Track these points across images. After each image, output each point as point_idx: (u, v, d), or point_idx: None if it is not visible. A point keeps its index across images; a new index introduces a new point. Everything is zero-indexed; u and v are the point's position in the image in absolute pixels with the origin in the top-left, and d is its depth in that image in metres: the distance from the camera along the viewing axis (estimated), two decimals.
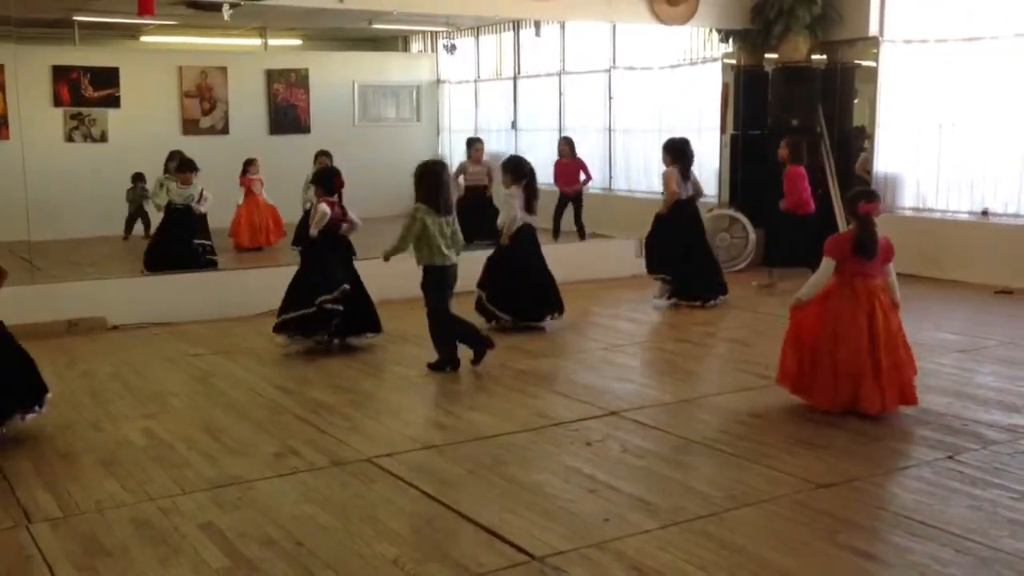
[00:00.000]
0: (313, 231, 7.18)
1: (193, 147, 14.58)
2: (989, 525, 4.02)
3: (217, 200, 10.87)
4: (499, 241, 7.84)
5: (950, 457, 4.85)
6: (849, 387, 5.43)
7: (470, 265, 7.65)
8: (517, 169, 7.76)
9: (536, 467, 4.80)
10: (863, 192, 5.77)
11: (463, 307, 7.23)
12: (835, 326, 5.46)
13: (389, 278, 8.71)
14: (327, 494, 4.46)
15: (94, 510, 4.30)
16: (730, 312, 8.79)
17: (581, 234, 12.15)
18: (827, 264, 5.50)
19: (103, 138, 14.37)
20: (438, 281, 6.50)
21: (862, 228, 5.46)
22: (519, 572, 3.65)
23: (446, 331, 6.60)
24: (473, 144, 12.17)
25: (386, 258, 6.64)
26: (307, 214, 9.78)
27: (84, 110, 14.29)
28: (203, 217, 10.34)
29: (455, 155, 15.39)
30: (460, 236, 6.61)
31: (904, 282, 5.85)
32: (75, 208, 13.46)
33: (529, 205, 7.70)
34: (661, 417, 5.60)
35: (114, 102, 14.42)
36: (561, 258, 8.73)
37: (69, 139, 14.20)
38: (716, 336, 8.06)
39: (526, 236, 7.80)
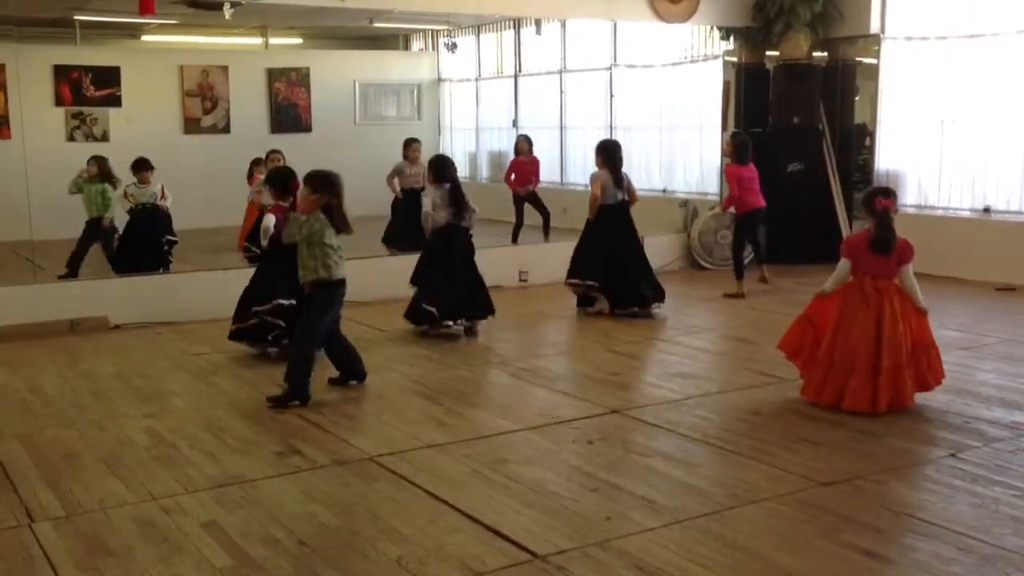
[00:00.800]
0: (264, 242, 6.86)
1: (194, 146, 14.64)
2: (992, 523, 4.02)
3: (218, 199, 10.88)
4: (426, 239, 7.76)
5: (952, 455, 4.86)
6: (840, 381, 5.48)
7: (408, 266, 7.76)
8: (439, 169, 7.64)
9: (538, 465, 4.80)
10: (880, 189, 5.89)
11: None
12: (839, 321, 5.53)
13: (383, 278, 8.78)
14: (330, 493, 4.46)
15: (97, 509, 4.30)
16: (733, 310, 8.79)
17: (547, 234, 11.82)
18: (843, 264, 5.60)
19: (104, 137, 14.35)
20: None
21: (880, 224, 5.52)
22: (522, 571, 3.66)
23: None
24: (409, 145, 11.61)
25: None
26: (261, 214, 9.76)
27: (85, 109, 14.29)
28: (168, 214, 10.21)
29: (456, 153, 15.39)
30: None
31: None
32: (77, 208, 13.42)
33: (457, 204, 7.49)
34: (663, 415, 5.60)
35: (115, 101, 14.41)
36: (556, 257, 8.70)
37: (71, 138, 14.19)
38: (718, 334, 8.06)
39: (450, 235, 7.59)
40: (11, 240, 12.30)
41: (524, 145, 12.18)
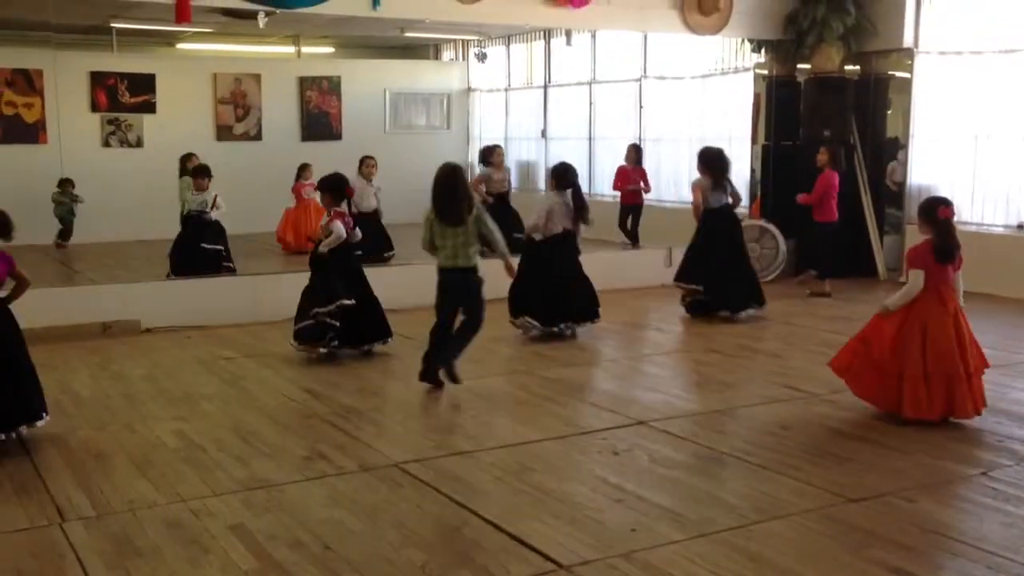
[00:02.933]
0: (323, 249, 7.09)
1: (226, 153, 14.78)
2: (1023, 542, 3.97)
3: (249, 205, 10.96)
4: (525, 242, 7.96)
5: (984, 473, 4.80)
6: (943, 391, 5.45)
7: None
8: (560, 176, 7.85)
9: (563, 475, 4.80)
10: (939, 199, 5.87)
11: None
12: (924, 331, 5.47)
13: (415, 286, 8.80)
14: (355, 498, 4.48)
15: (126, 510, 4.35)
16: (763, 323, 8.73)
17: (635, 242, 12.18)
18: (916, 276, 5.52)
19: (139, 143, 14.57)
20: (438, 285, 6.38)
21: (943, 233, 5.51)
22: None
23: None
24: (494, 151, 11.89)
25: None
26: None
27: (121, 115, 14.49)
28: (217, 223, 10.32)
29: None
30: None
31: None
32: (111, 212, 13.65)
33: (578, 212, 7.77)
34: (689, 427, 5.58)
35: (150, 108, 14.62)
36: (590, 266, 8.71)
37: (106, 144, 14.40)
38: (747, 347, 8.01)
39: (559, 242, 7.84)
40: (47, 243, 12.51)
41: (632, 154, 12.26)
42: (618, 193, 12.37)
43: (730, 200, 8.74)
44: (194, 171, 10.31)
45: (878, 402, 5.69)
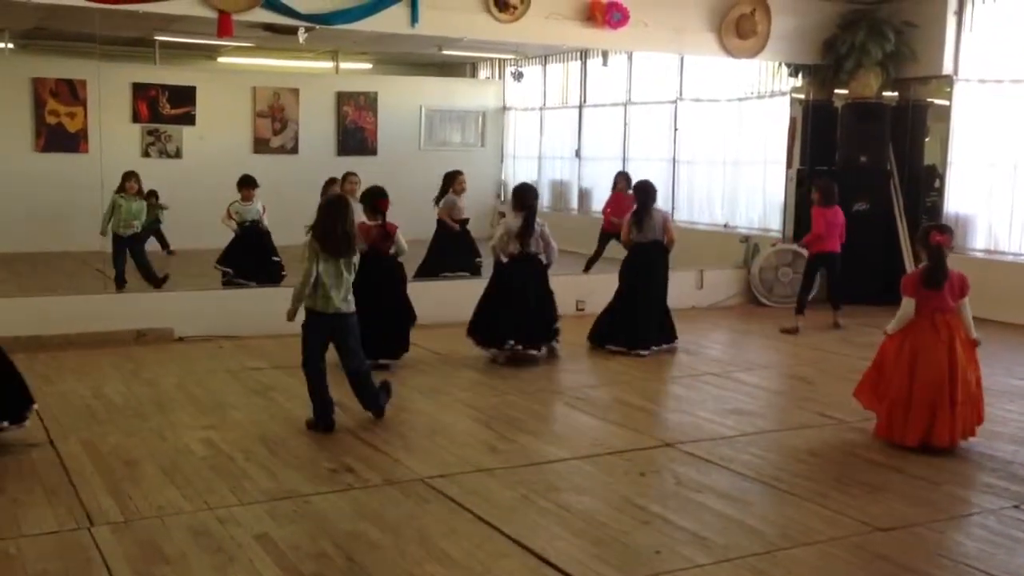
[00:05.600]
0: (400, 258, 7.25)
1: (263, 165, 14.92)
2: None
3: (284, 217, 11.01)
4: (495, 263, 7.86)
5: (1016, 507, 4.72)
6: (925, 419, 5.43)
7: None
8: (519, 197, 7.74)
9: (588, 495, 4.78)
10: (936, 225, 5.92)
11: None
12: (913, 359, 5.49)
13: (444, 302, 8.83)
14: (380, 512, 4.49)
15: (154, 516, 4.39)
16: (792, 348, 8.66)
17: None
18: (907, 303, 5.56)
19: (178, 154, 14.78)
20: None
21: (932, 258, 5.51)
22: None
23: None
24: (455, 177, 11.24)
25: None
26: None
27: (161, 127, 14.72)
28: (268, 234, 10.40)
29: (517, 180, 15.44)
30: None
31: (974, 325, 5.72)
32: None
33: (524, 233, 7.59)
34: (717, 451, 5.53)
35: (190, 120, 14.83)
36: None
37: (145, 154, 14.60)
38: (776, 372, 7.96)
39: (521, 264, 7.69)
40: (84, 251, 12.68)
41: (622, 183, 12.04)
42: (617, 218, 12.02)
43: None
44: (239, 182, 10.36)
45: (877, 424, 5.75)
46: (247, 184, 10.25)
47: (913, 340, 5.53)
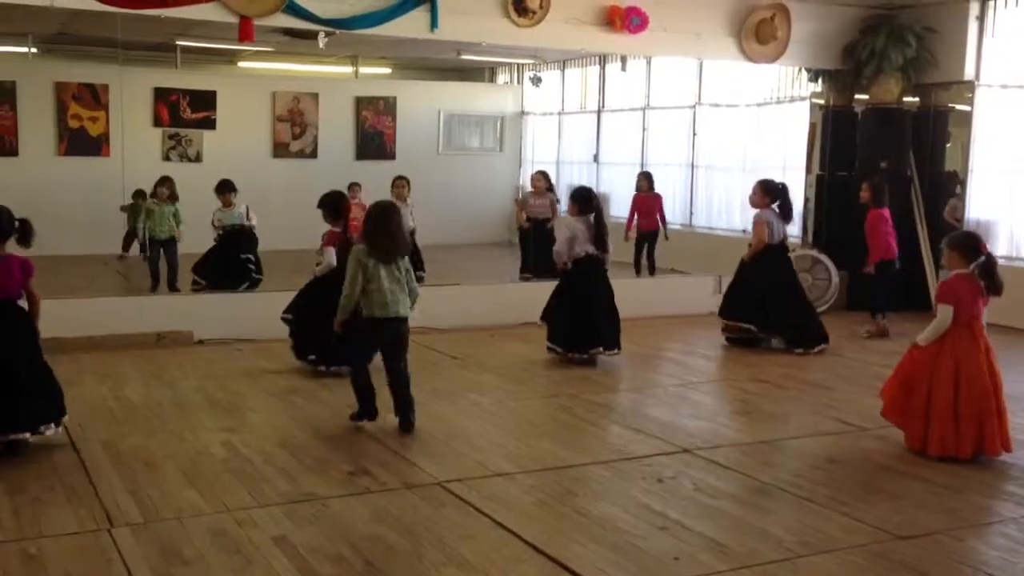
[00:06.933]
0: (318, 273, 7.28)
1: (282, 170, 15.05)
2: None
3: (302, 221, 11.05)
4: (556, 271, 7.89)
5: None
6: (974, 429, 5.36)
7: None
8: (583, 200, 7.74)
9: (607, 501, 4.77)
10: (971, 234, 5.85)
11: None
12: (956, 369, 5.39)
13: (466, 307, 8.83)
14: (398, 516, 4.50)
15: (174, 517, 4.42)
16: (813, 355, 8.58)
17: (652, 270, 12.02)
18: (945, 311, 5.43)
19: (198, 158, 14.87)
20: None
21: (988, 265, 5.44)
22: None
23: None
24: (533, 176, 11.80)
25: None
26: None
27: (182, 131, 14.83)
28: (251, 233, 10.36)
29: None
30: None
31: (995, 332, 5.70)
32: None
33: (598, 237, 7.64)
34: (736, 457, 5.51)
35: (210, 124, 14.94)
36: (638, 293, 8.71)
37: (166, 158, 14.71)
38: (796, 378, 7.90)
39: (587, 267, 7.73)
40: (105, 253, 12.80)
41: (643, 183, 12.14)
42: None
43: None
44: (217, 188, 10.29)
45: (908, 437, 5.63)
46: (225, 189, 10.21)
47: (953, 350, 5.40)
